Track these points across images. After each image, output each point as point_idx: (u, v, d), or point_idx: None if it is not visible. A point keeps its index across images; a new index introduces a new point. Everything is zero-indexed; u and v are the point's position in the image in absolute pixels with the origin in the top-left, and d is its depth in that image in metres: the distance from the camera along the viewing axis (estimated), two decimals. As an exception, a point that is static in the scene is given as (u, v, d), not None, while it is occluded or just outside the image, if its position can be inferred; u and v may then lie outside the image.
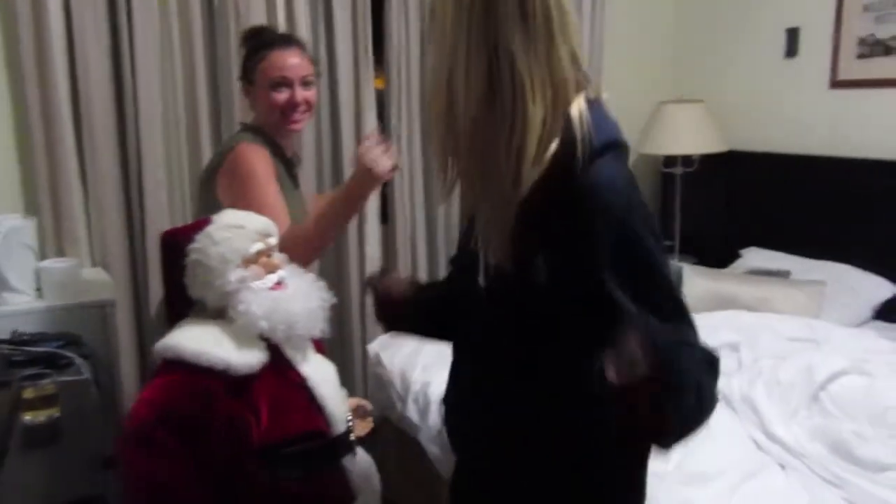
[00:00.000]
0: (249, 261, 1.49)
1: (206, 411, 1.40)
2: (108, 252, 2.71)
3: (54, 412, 1.66)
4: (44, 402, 1.65)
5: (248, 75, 1.93)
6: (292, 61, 1.88)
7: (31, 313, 2.24)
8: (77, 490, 1.42)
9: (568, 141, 1.03)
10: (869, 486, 1.71)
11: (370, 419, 1.77)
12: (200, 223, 1.55)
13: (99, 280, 2.56)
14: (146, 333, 2.79)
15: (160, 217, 2.72)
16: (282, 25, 2.83)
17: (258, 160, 1.81)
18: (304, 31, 2.87)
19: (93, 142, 2.63)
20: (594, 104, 1.08)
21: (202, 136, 2.81)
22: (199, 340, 1.43)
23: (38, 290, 2.34)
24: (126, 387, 2.58)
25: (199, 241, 1.49)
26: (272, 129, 1.94)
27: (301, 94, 1.89)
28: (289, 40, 1.90)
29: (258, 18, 2.78)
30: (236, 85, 2.78)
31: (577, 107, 1.04)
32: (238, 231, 1.49)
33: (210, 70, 2.82)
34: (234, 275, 1.46)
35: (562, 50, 1.02)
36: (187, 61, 2.76)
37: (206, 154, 2.82)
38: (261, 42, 1.90)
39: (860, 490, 1.71)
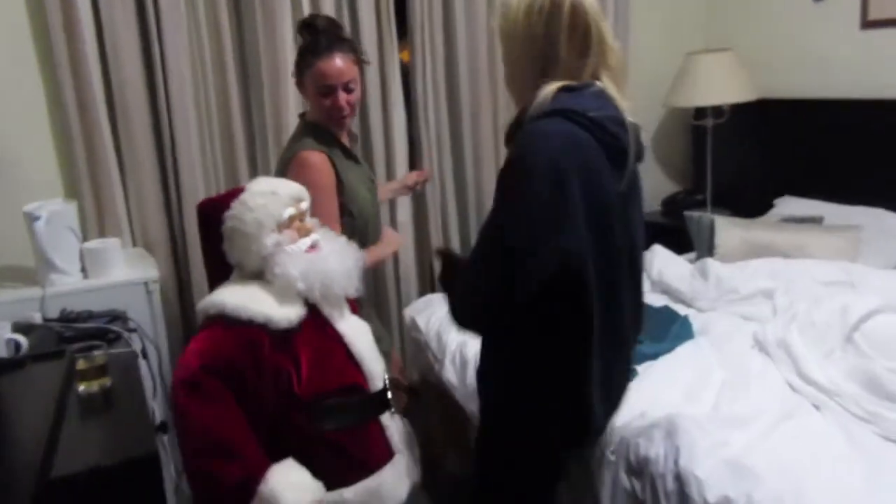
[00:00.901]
0: (283, 225, 1.54)
1: (250, 360, 1.45)
2: (147, 231, 2.80)
3: (106, 381, 1.74)
4: (96, 372, 1.73)
5: (299, 76, 2.08)
6: (335, 69, 2.00)
7: (78, 293, 2.32)
8: (132, 451, 1.49)
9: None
10: (904, 419, 1.71)
11: (404, 395, 1.82)
12: (234, 192, 1.60)
13: (141, 258, 2.64)
14: (188, 307, 2.89)
15: (195, 196, 2.79)
16: (306, 12, 2.86)
17: (317, 171, 2.01)
18: (328, 5, 2.90)
19: (128, 127, 2.70)
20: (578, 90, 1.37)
21: (233, 117, 2.88)
22: (240, 296, 1.50)
23: (83, 270, 2.43)
24: (173, 359, 2.67)
25: (235, 209, 1.54)
26: (326, 122, 2.10)
27: (343, 97, 2.02)
28: (332, 46, 2.01)
29: (283, 2, 2.81)
30: (265, 67, 2.85)
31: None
32: (272, 197, 1.53)
33: (238, 52, 2.87)
34: (270, 239, 1.51)
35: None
36: (215, 45, 2.82)
37: (238, 135, 2.89)
38: (309, 47, 2.04)
39: (893, 423, 1.71)
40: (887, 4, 2.93)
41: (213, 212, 1.58)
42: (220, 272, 1.66)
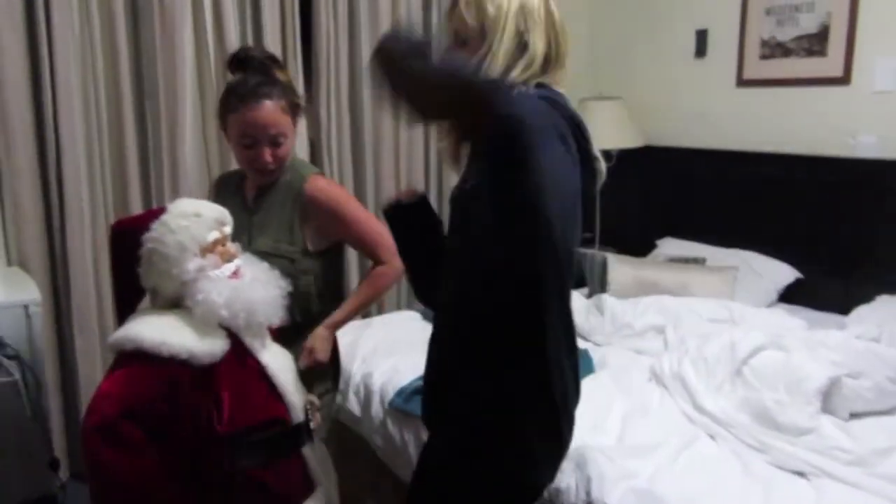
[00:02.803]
0: (206, 249, 1.48)
1: (171, 402, 1.37)
2: (25, 250, 2.59)
3: (-12, 414, 1.59)
4: (-23, 403, 1.58)
5: (222, 118, 1.78)
6: (261, 117, 1.70)
7: (-53, 315, 2.12)
8: (25, 491, 1.37)
9: None
10: (790, 449, 1.86)
11: (318, 414, 1.77)
12: (153, 212, 1.52)
13: (17, 279, 2.44)
14: (65, 334, 2.69)
15: (80, 212, 2.63)
16: (209, 20, 2.78)
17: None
18: (230, 24, 2.83)
19: (7, 137, 2.51)
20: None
21: (126, 133, 2.73)
22: (158, 330, 1.41)
23: (-46, 290, 2.21)
24: (50, 388, 2.48)
25: (156, 230, 1.46)
26: (246, 172, 1.87)
27: (268, 152, 1.74)
28: (261, 90, 1.71)
29: (183, 12, 2.72)
30: (161, 81, 2.73)
31: None
32: (195, 219, 1.47)
33: (134, 65, 2.74)
34: (193, 263, 1.44)
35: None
36: (109, 54, 2.68)
37: (130, 151, 2.74)
38: (235, 88, 1.75)
39: (783, 453, 1.85)
40: (760, 66, 3.22)
41: (129, 233, 1.49)
42: (130, 298, 1.56)
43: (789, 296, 3.06)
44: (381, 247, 1.82)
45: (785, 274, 3.07)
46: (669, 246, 3.43)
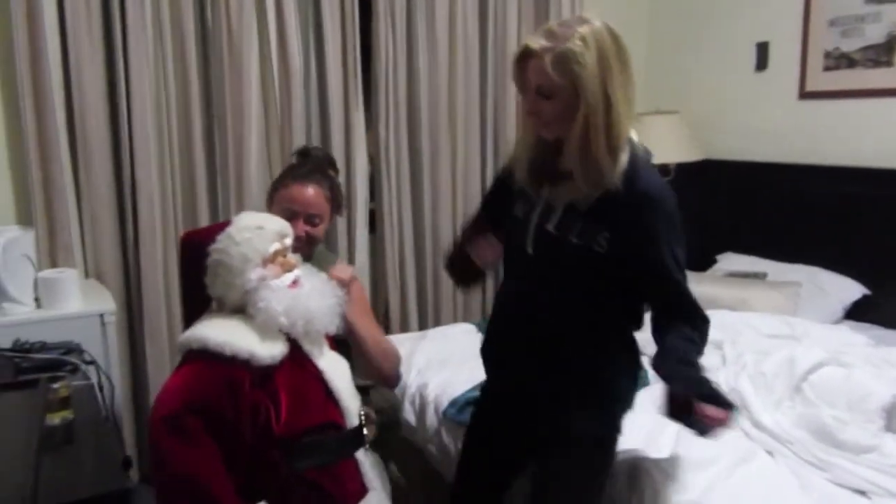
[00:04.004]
0: (268, 260, 1.55)
1: (232, 399, 1.44)
2: (100, 263, 2.74)
3: (68, 414, 1.69)
4: (59, 404, 1.68)
5: (270, 196, 2.01)
6: (305, 196, 1.91)
7: (31, 323, 2.26)
8: (103, 486, 1.45)
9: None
10: (851, 466, 1.81)
11: (373, 426, 1.82)
12: (219, 225, 1.61)
13: (95, 290, 2.58)
14: (138, 341, 2.82)
15: (152, 229, 2.77)
16: (273, 42, 2.90)
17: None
18: (293, 44, 2.94)
19: (87, 155, 2.67)
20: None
21: (195, 150, 2.87)
22: (222, 331, 1.49)
23: (37, 299, 2.36)
24: (123, 394, 2.61)
25: (221, 242, 1.54)
26: None
27: (302, 227, 1.90)
28: (311, 175, 1.95)
29: (249, 34, 2.85)
30: (229, 105, 2.86)
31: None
32: (258, 232, 1.55)
33: (203, 85, 2.88)
34: (255, 273, 1.51)
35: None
36: (180, 76, 2.82)
37: (199, 167, 2.88)
38: (291, 168, 2.02)
39: (843, 471, 1.81)
40: (824, 78, 3.16)
41: (196, 245, 1.58)
42: (196, 305, 1.65)
43: (856, 313, 2.96)
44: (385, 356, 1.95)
45: (851, 290, 2.99)
46: (730, 261, 3.37)
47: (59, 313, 2.31)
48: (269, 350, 1.49)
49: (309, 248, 1.94)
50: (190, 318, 1.65)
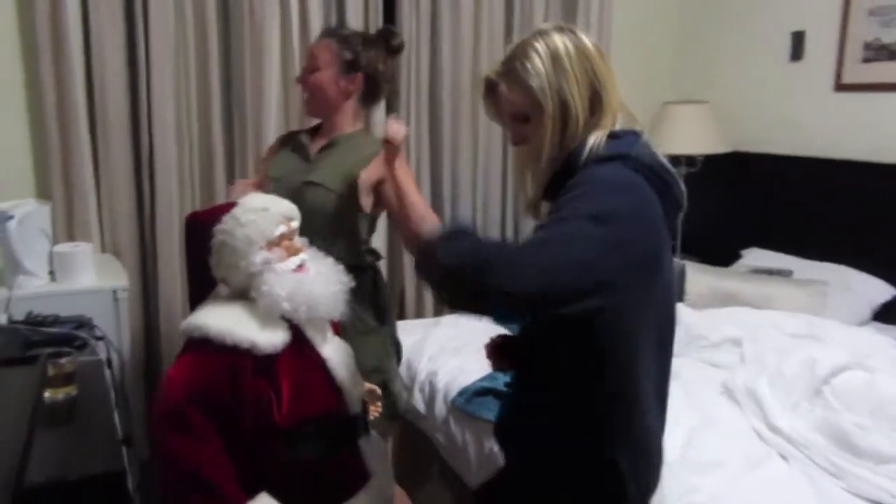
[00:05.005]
0: (273, 243, 1.52)
1: (233, 389, 1.42)
2: (117, 238, 2.75)
3: (72, 390, 1.68)
4: (63, 380, 1.67)
5: None
6: (312, 47, 1.99)
7: (45, 296, 2.27)
8: (97, 466, 1.44)
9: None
10: (870, 476, 1.75)
11: (379, 405, 1.80)
12: (225, 206, 1.58)
13: (109, 265, 2.59)
14: (152, 318, 2.83)
15: (169, 206, 2.76)
16: (295, 20, 2.87)
17: None
18: (315, 26, 2.90)
19: (106, 130, 2.66)
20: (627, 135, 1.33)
21: (213, 128, 2.85)
22: (224, 319, 1.46)
23: (52, 273, 2.36)
24: (134, 370, 2.61)
25: (226, 223, 1.51)
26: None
27: (303, 75, 1.97)
28: (328, 32, 2.02)
29: (272, 11, 2.81)
30: (248, 80, 2.84)
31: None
32: (263, 214, 1.51)
33: (223, 63, 2.86)
34: (259, 256, 1.49)
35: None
36: (201, 52, 2.80)
37: (218, 144, 2.86)
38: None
39: (861, 480, 1.74)
40: (860, 70, 3.05)
41: (202, 225, 1.56)
42: (201, 286, 1.63)
43: (884, 315, 2.87)
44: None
45: (880, 290, 2.89)
46: (755, 257, 3.29)
47: (73, 287, 2.32)
48: (271, 338, 1.46)
49: (315, 102, 1.97)
50: (195, 298, 1.63)
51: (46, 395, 1.64)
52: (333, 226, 1.91)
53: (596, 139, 1.30)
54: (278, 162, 2.06)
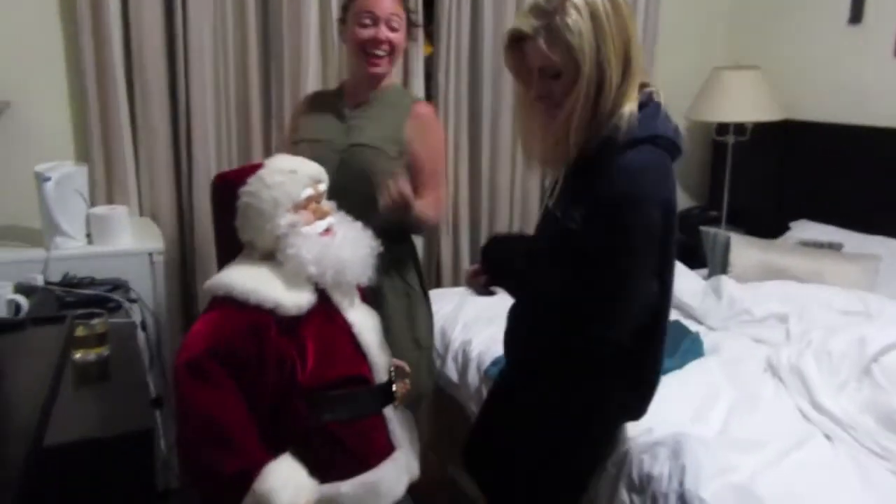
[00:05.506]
0: (300, 206, 1.49)
1: (256, 345, 1.41)
2: (155, 202, 2.76)
3: (104, 351, 1.70)
4: (95, 340, 1.69)
5: (344, 14, 1.96)
6: (389, 9, 1.88)
7: (82, 258, 2.28)
8: (127, 425, 1.45)
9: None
10: (920, 459, 1.67)
11: (407, 381, 1.76)
12: (252, 167, 1.55)
13: (147, 228, 2.60)
14: (190, 281, 2.85)
15: (207, 169, 2.75)
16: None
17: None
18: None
19: (144, 93, 2.66)
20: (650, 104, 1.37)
21: (251, 92, 2.83)
22: (249, 279, 1.45)
23: (89, 235, 2.38)
24: (171, 332, 2.63)
25: (252, 185, 1.49)
26: (356, 66, 1.97)
27: (384, 32, 1.86)
28: None
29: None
30: (287, 45, 2.80)
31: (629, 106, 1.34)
32: (291, 176, 1.49)
33: (262, 27, 2.82)
34: (285, 219, 1.46)
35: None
36: (239, 16, 2.77)
37: (255, 108, 2.84)
38: None
39: (910, 463, 1.67)
40: (924, 34, 2.88)
41: (229, 186, 1.54)
42: (230, 248, 1.61)
43: (941, 291, 2.74)
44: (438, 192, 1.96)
45: (937, 266, 2.76)
46: (804, 229, 3.16)
47: (109, 249, 2.33)
48: (296, 300, 1.44)
49: (391, 60, 1.92)
50: (223, 260, 1.62)
51: (78, 355, 1.66)
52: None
53: (629, 112, 1.33)
54: (311, 124, 2.01)
